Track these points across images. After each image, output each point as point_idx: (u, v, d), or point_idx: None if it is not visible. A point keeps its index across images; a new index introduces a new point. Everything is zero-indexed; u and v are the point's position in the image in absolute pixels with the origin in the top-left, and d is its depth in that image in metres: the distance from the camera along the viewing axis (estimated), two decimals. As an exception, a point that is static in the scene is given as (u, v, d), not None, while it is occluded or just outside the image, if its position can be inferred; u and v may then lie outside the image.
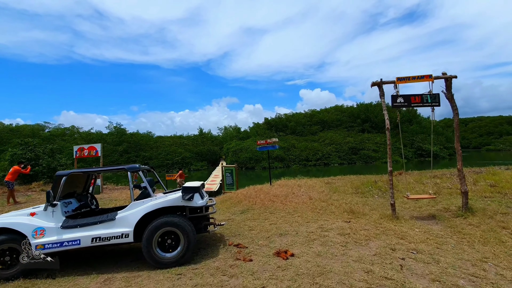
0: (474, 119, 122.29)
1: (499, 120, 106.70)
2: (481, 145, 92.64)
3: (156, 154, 45.92)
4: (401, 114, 60.38)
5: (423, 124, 61.59)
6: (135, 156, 45.57)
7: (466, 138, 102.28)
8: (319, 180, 13.36)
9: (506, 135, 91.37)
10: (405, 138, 51.93)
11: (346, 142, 46.95)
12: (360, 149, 46.35)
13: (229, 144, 51.19)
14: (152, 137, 59.23)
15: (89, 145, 12.30)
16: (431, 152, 11.88)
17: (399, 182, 10.14)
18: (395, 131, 57.09)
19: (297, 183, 11.51)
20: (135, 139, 49.11)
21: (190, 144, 50.49)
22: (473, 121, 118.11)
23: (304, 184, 11.02)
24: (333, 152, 45.59)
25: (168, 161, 44.26)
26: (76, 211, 5.05)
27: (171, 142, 51.71)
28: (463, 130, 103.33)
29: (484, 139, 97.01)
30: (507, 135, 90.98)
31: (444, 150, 52.16)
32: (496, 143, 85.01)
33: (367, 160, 44.96)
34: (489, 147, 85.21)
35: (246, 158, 43.25)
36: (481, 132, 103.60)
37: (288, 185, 11.08)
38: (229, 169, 12.38)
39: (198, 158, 47.84)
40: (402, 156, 14.59)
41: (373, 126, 58.65)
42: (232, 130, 71.52)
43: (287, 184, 11.33)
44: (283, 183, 11.79)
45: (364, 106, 63.48)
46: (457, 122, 6.45)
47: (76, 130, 63.32)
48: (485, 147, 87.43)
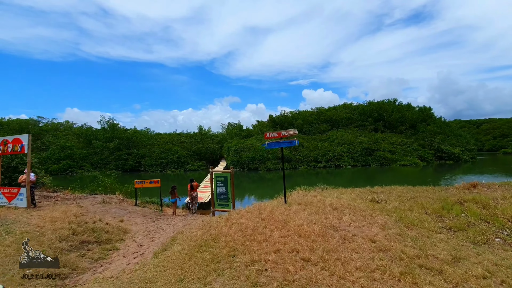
0: (486, 120, 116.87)
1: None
2: (495, 148, 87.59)
3: (149, 152, 41.91)
4: (415, 113, 55.97)
5: (438, 124, 56.94)
6: (127, 154, 41.64)
7: (479, 141, 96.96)
8: (355, 193, 9.13)
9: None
10: (423, 139, 47.45)
11: (359, 142, 42.55)
12: (374, 150, 41.91)
13: (230, 143, 47.01)
14: (149, 133, 55.35)
15: (14, 137, 8.16)
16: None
17: (498, 205, 5.94)
18: (410, 131, 53.44)
19: (327, 201, 7.31)
20: (128, 135, 45.15)
21: (188, 142, 46.41)
22: (486, 123, 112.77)
23: (340, 204, 6.83)
24: (345, 152, 41.21)
25: (162, 160, 40.20)
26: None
27: (167, 139, 47.68)
28: (475, 132, 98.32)
29: (498, 141, 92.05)
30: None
31: (466, 153, 47.54)
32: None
33: (382, 162, 40.54)
34: (506, 149, 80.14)
35: (249, 158, 39.05)
36: (494, 134, 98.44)
37: (313, 205, 6.91)
38: (222, 177, 8.24)
39: (196, 157, 43.75)
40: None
41: (387, 125, 54.19)
42: (234, 127, 67.30)
43: (312, 203, 7.15)
44: (304, 200, 7.61)
45: (376, 104, 58.91)
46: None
47: (70, 125, 59.89)
48: (502, 150, 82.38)
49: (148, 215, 9.29)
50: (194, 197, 10.98)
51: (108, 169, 39.94)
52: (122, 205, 10.40)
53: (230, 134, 61.17)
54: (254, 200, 20.09)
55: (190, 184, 11.05)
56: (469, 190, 9.00)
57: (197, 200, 11.14)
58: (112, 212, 8.99)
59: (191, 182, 11.10)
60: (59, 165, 39.16)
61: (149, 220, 8.44)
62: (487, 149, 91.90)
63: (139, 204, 10.95)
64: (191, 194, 10.94)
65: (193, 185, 11.05)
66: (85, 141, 44.32)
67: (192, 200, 11.04)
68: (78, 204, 9.09)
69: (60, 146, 42.08)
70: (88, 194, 11.52)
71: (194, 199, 11.01)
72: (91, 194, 11.48)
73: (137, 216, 8.89)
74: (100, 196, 11.23)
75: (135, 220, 8.26)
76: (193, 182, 11.12)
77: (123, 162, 40.60)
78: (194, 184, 11.09)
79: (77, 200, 10.31)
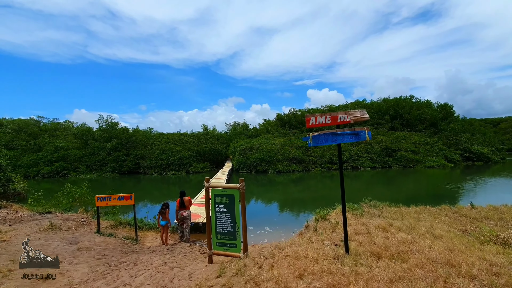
0: (503, 119, 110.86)
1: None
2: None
3: (149, 153, 38.71)
4: (434, 111, 51.70)
5: (460, 122, 52.56)
6: (125, 155, 38.55)
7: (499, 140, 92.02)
8: (436, 217, 5.62)
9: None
10: (447, 138, 43.26)
11: (377, 142, 38.63)
12: (395, 150, 37.94)
13: (236, 143, 43.60)
14: (150, 133, 52.38)
15: None
16: None
17: None
18: (431, 130, 49.20)
19: (421, 244, 3.81)
20: (127, 135, 42.07)
21: (191, 142, 43.08)
22: (504, 121, 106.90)
23: (454, 258, 3.32)
24: (362, 153, 37.36)
25: (162, 161, 36.90)
26: None
27: (169, 139, 44.47)
28: (493, 131, 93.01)
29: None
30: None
31: (496, 153, 43.17)
32: (542, 145, 74.41)
33: (405, 163, 36.56)
34: (533, 150, 74.72)
35: (257, 159, 35.55)
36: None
37: (404, 259, 3.41)
38: (225, 196, 4.79)
39: (199, 159, 40.37)
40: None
41: (404, 123, 50.01)
42: (239, 127, 63.98)
43: (401, 253, 3.65)
44: (374, 241, 4.13)
45: (392, 101, 54.75)
46: None
47: (70, 125, 57.46)
48: (526, 149, 76.95)
49: (109, 252, 5.92)
50: (186, 218, 7.58)
51: (105, 171, 37.06)
52: (78, 231, 7.07)
53: (236, 133, 57.89)
54: (262, 205, 16.73)
55: (180, 199, 7.66)
56: None
57: (190, 221, 7.75)
58: (51, 248, 5.66)
59: (182, 196, 7.71)
60: (52, 167, 36.36)
61: (103, 266, 5.05)
62: (508, 149, 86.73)
63: (105, 230, 7.60)
64: (182, 213, 7.56)
65: (185, 200, 7.65)
66: (81, 141, 41.56)
67: (183, 223, 7.64)
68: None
69: (54, 147, 39.33)
70: (38, 213, 8.23)
71: (185, 221, 7.61)
72: (40, 213, 8.18)
73: (88, 256, 5.52)
74: (53, 217, 7.93)
75: (78, 268, 4.88)
76: (185, 196, 7.74)
77: (120, 163, 37.56)
78: (186, 199, 7.69)
79: (15, 223, 7.00)
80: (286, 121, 55.52)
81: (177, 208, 7.70)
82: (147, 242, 7.52)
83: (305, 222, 7.56)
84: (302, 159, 36.42)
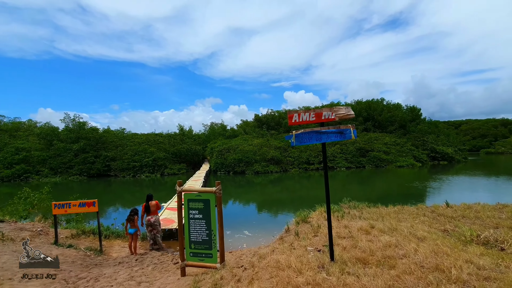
0: (464, 121, 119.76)
1: (493, 123, 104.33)
2: (476, 148, 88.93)
3: (121, 154, 36.65)
4: (404, 113, 54.55)
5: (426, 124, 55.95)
6: (94, 157, 36.19)
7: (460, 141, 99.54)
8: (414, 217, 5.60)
9: (501, 138, 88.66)
10: (415, 139, 45.67)
11: (352, 142, 39.78)
12: (368, 151, 39.31)
13: (214, 143, 42.77)
14: (123, 133, 49.78)
15: None
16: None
17: None
18: (401, 131, 51.74)
19: (407, 246, 3.66)
20: (97, 135, 39.56)
21: (167, 143, 41.48)
22: (465, 124, 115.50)
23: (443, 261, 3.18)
24: (338, 153, 38.26)
25: (135, 163, 35.08)
26: None
27: (143, 140, 42.49)
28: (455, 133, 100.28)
29: (478, 141, 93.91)
30: (502, 138, 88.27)
31: (459, 153, 46.33)
32: (496, 145, 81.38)
33: (377, 163, 37.97)
34: (488, 149, 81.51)
35: (235, 160, 35.05)
36: (474, 135, 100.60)
37: (391, 264, 3.21)
38: (200, 201, 4.34)
39: (175, 160, 38.95)
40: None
41: (376, 125, 52.14)
42: (217, 127, 63.03)
43: (389, 258, 3.45)
44: (359, 246, 3.92)
45: (364, 104, 56.95)
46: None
47: (33, 125, 53.11)
48: (483, 150, 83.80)
49: (67, 266, 5.20)
50: (154, 224, 6.97)
51: (71, 174, 34.53)
52: (34, 242, 6.21)
53: (214, 134, 56.93)
54: (240, 207, 16.35)
55: (146, 204, 7.05)
56: None
57: (160, 227, 7.15)
58: (0, 263, 4.85)
59: (148, 200, 7.10)
60: (12, 170, 33.22)
61: (59, 284, 4.37)
62: (468, 149, 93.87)
63: (65, 240, 6.78)
64: (148, 219, 6.95)
65: (151, 205, 7.03)
66: (45, 142, 38.40)
67: (152, 229, 7.02)
68: None
69: (15, 148, 36.00)
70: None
71: (154, 227, 7.00)
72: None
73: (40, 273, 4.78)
74: (6, 226, 6.96)
75: (30, 286, 4.17)
76: (151, 200, 7.12)
77: (89, 166, 35.18)
78: (153, 204, 7.07)
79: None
80: (264, 122, 55.60)
81: (142, 214, 7.07)
82: (114, 253, 6.82)
83: (285, 225, 7.28)
84: (280, 159, 36.52)
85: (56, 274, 4.56)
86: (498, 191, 17.86)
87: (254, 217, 13.16)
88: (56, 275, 4.83)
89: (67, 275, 4.83)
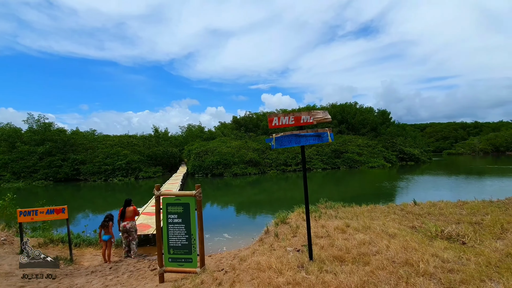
0: (428, 124, 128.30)
1: (453, 126, 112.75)
2: (439, 149, 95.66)
3: (91, 157, 34.75)
4: (375, 116, 57.48)
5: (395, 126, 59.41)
6: (62, 160, 34.00)
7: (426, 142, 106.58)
8: (385, 215, 5.94)
9: (461, 140, 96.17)
10: (386, 141, 48.20)
11: (328, 144, 41.06)
12: (343, 152, 40.82)
13: (191, 145, 42.02)
14: (93, 135, 47.24)
15: None
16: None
17: None
18: (373, 133, 54.40)
19: (380, 244, 3.89)
20: (64, 137, 37.18)
21: (141, 145, 40.02)
22: (429, 126, 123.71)
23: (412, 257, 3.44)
24: (314, 155, 39.32)
25: (107, 167, 33.41)
26: None
27: (115, 142, 40.63)
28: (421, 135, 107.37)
29: (441, 143, 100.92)
30: (462, 140, 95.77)
31: (424, 154, 49.56)
32: (456, 147, 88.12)
33: (351, 164, 39.54)
34: (450, 151, 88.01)
35: (213, 162, 34.69)
36: (437, 137, 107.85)
37: (366, 261, 3.41)
38: (179, 205, 4.28)
39: (150, 163, 37.67)
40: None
41: (350, 127, 54.32)
42: (195, 129, 62.02)
43: (363, 255, 3.64)
44: (335, 244, 4.09)
45: (339, 107, 59.11)
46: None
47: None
48: (446, 151, 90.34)
49: (35, 278, 4.86)
50: (130, 231, 6.73)
51: (36, 179, 32.14)
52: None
53: (192, 136, 55.94)
54: (219, 210, 16.24)
55: (123, 209, 6.80)
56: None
57: (136, 233, 6.92)
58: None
59: (126, 205, 6.85)
60: (-32, 175, 30.30)
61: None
62: (432, 151, 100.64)
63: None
64: (124, 225, 6.70)
65: (128, 210, 6.79)
66: (7, 144, 35.39)
67: (128, 236, 6.78)
68: None
69: (-29, 151, 32.87)
70: None
71: (130, 234, 6.76)
72: None
73: (8, 284, 4.44)
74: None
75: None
76: (129, 206, 6.87)
77: (55, 170, 32.95)
78: (130, 210, 6.83)
79: None
80: (242, 124, 55.67)
81: (119, 219, 6.80)
82: (85, 262, 6.47)
83: (264, 226, 7.36)
84: (258, 161, 36.74)
85: (23, 286, 4.25)
86: (459, 189, 19.39)
87: (233, 220, 13.13)
88: (24, 287, 4.51)
89: (35, 286, 4.52)
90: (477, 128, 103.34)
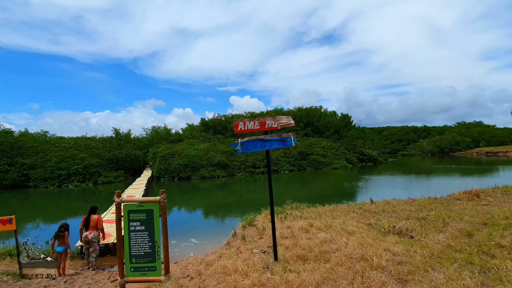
0: (385, 128, 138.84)
1: (406, 130, 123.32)
2: (394, 150, 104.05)
3: (43, 162, 31.65)
4: (338, 120, 60.87)
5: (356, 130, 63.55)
6: (8, 165, 30.46)
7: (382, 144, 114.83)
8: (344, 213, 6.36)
9: (413, 142, 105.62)
10: (347, 143, 51.11)
11: (294, 147, 42.29)
12: (309, 154, 42.38)
13: (157, 148, 40.39)
14: (45, 137, 43.09)
15: None
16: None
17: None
18: (336, 136, 57.43)
19: (340, 242, 4.18)
20: (10, 139, 33.42)
21: (101, 148, 37.46)
22: (385, 130, 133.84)
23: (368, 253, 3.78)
24: (282, 157, 40.23)
25: (61, 171, 30.67)
26: None
27: (70, 145, 37.50)
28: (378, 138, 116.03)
29: (396, 145, 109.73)
30: (413, 142, 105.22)
31: (381, 155, 53.43)
32: (409, 149, 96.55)
33: (316, 165, 41.20)
34: (403, 152, 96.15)
35: (180, 165, 33.73)
36: (392, 139, 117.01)
37: (326, 259, 3.65)
38: (142, 212, 4.15)
39: (111, 167, 35.41)
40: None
41: (315, 130, 56.72)
42: (161, 131, 59.75)
43: (325, 254, 3.88)
44: (300, 244, 4.29)
45: (305, 111, 61.50)
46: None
47: None
48: (400, 152, 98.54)
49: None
50: (92, 241, 6.33)
51: (-26, 187, 28.39)
52: None
53: (157, 138, 53.79)
54: (186, 214, 15.88)
55: (87, 217, 6.39)
56: (474, 200, 7.38)
57: (98, 245, 6.51)
58: None
59: (92, 213, 6.44)
60: None
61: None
62: (388, 152, 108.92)
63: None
64: (86, 236, 6.29)
65: (91, 219, 6.39)
66: None
67: (89, 246, 6.36)
68: None
69: None
70: None
71: (92, 245, 6.35)
72: None
73: None
74: None
75: None
76: (94, 214, 6.47)
77: (1, 175, 29.38)
78: (94, 219, 6.43)
79: None
80: (211, 126, 55.02)
81: (81, 227, 6.37)
82: (37, 277, 5.91)
83: (232, 229, 7.39)
84: (227, 164, 36.56)
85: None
86: (409, 188, 21.31)
87: (201, 224, 12.91)
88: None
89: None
90: (426, 132, 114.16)
